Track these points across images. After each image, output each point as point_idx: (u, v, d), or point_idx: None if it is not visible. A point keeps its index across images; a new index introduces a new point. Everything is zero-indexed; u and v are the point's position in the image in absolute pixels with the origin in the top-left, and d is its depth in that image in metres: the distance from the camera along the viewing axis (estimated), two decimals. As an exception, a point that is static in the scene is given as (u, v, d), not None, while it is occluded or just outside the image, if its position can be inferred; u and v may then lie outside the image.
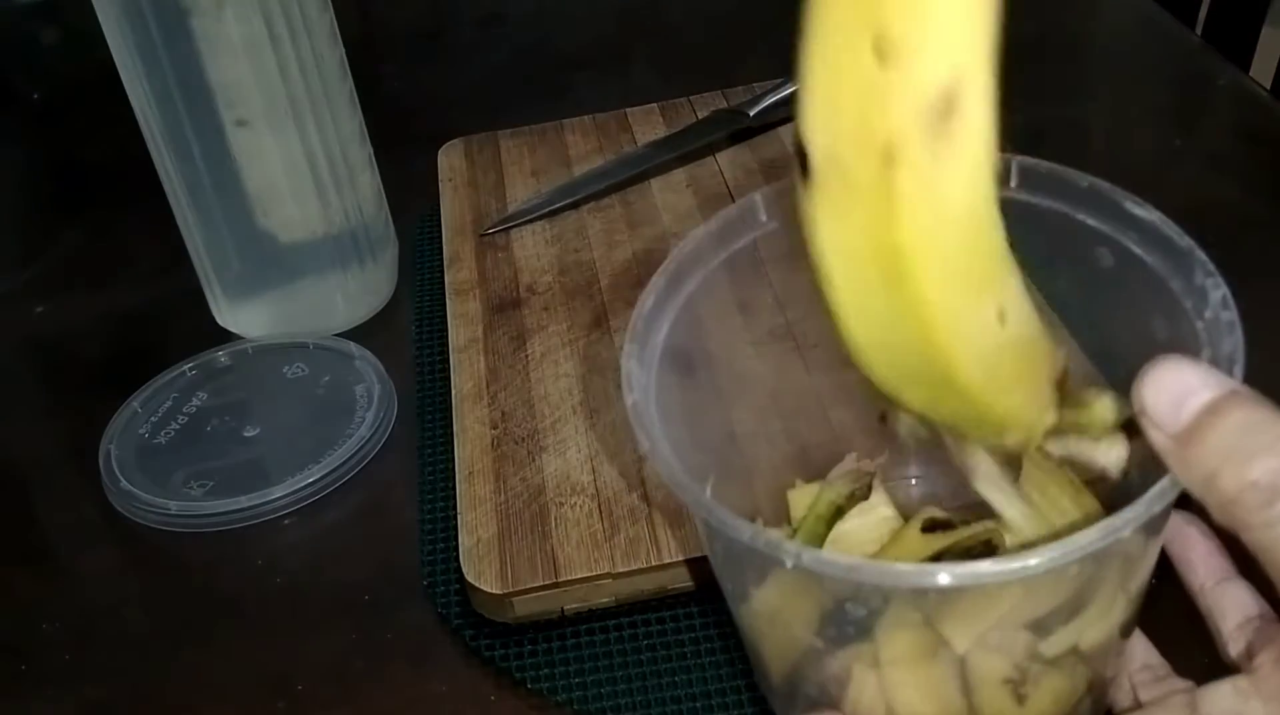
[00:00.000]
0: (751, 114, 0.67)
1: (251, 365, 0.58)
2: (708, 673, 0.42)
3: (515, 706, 0.42)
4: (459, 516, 0.47)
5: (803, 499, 0.40)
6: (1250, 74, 0.82)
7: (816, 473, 0.41)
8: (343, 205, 0.58)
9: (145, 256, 0.68)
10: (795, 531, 0.39)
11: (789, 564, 0.28)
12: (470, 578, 0.44)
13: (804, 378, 0.41)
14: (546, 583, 0.43)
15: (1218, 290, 0.31)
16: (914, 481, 0.42)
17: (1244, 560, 0.31)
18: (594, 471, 0.47)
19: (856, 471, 0.40)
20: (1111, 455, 0.31)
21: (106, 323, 0.65)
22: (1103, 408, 0.31)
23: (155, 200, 0.58)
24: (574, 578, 0.43)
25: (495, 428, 0.50)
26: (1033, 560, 0.26)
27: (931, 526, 0.37)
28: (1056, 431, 0.32)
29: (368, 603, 0.47)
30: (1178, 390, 0.27)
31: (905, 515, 0.40)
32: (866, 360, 0.29)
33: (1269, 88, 0.79)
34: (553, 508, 0.46)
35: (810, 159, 0.26)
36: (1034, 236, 0.36)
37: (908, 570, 0.28)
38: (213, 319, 0.61)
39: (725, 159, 0.66)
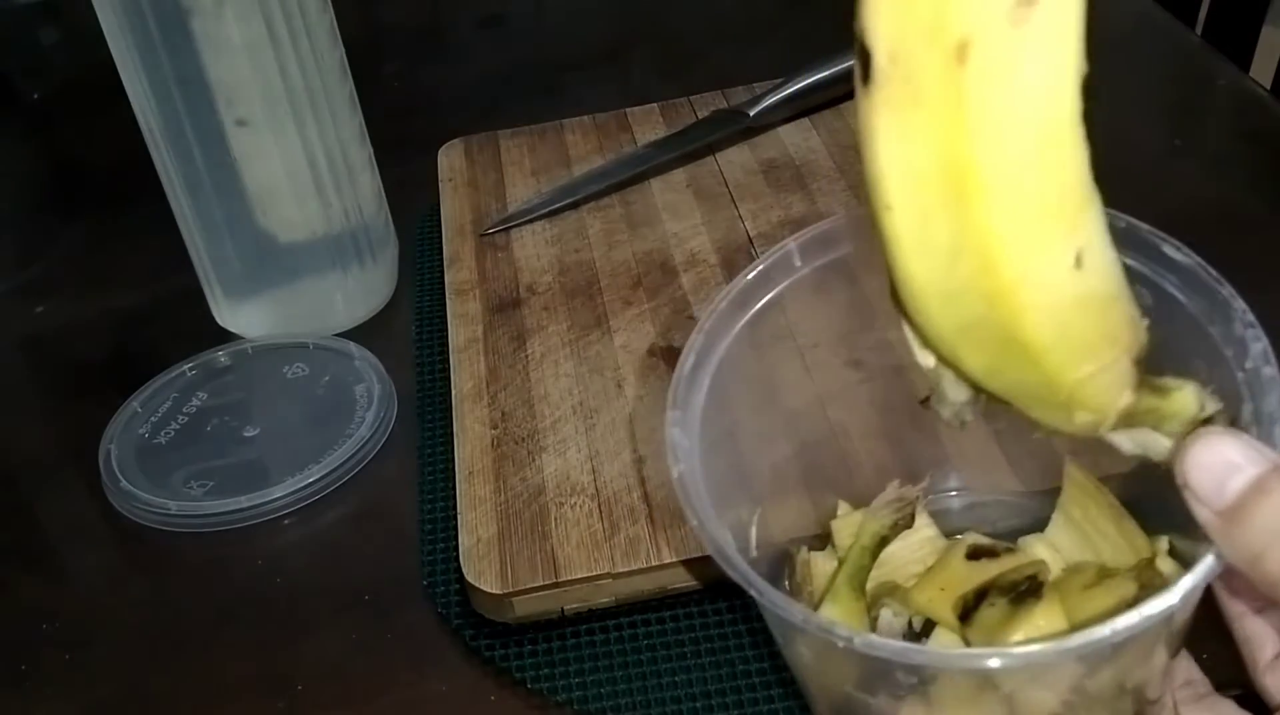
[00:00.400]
0: (751, 114, 0.67)
1: (251, 365, 0.58)
2: (708, 673, 0.42)
3: (515, 706, 0.42)
4: (459, 516, 0.47)
5: (847, 528, 0.39)
6: (1250, 74, 0.82)
7: (864, 488, 0.41)
8: (343, 205, 0.58)
9: (145, 256, 0.68)
10: (841, 562, 0.39)
11: (840, 645, 0.27)
12: (470, 578, 0.44)
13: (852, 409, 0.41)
14: (546, 583, 0.43)
15: (1258, 343, 0.30)
16: (955, 494, 0.42)
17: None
18: (594, 471, 0.47)
19: (900, 499, 0.40)
20: None
21: (106, 323, 0.65)
22: (1184, 398, 0.28)
23: (155, 200, 0.58)
24: (574, 578, 0.43)
25: (495, 428, 0.50)
26: (1075, 641, 0.26)
27: (976, 554, 0.36)
28: (1128, 419, 0.29)
29: (368, 603, 0.47)
30: (1221, 466, 0.26)
31: (947, 532, 0.40)
32: (921, 306, 0.26)
33: (1269, 88, 0.79)
34: (553, 508, 0.46)
35: (872, 59, 0.23)
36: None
37: (961, 655, 0.28)
38: (213, 319, 0.61)
39: (725, 159, 0.66)
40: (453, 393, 0.53)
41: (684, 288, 0.57)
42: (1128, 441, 0.29)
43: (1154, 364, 0.30)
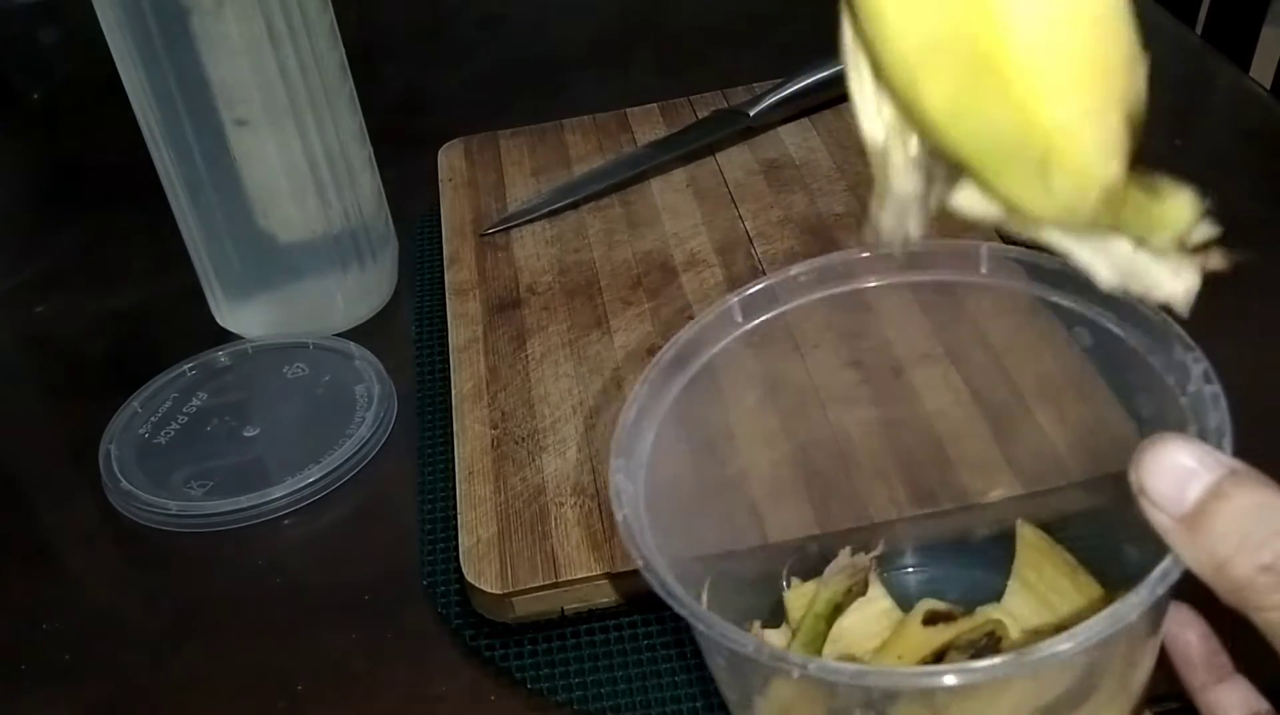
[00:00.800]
0: (751, 114, 0.67)
1: (251, 365, 0.58)
2: (707, 673, 0.42)
3: (515, 706, 0.42)
4: (459, 516, 0.47)
5: (799, 600, 0.39)
6: (1250, 74, 0.82)
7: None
8: (343, 205, 0.58)
9: (145, 256, 0.68)
10: (795, 632, 0.38)
11: (795, 674, 0.27)
12: (470, 578, 0.44)
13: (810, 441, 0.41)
14: (546, 583, 0.43)
15: (1199, 364, 0.30)
16: (911, 570, 0.42)
17: (1244, 657, 0.31)
18: (594, 471, 0.47)
19: (852, 566, 0.39)
20: (1179, 284, 0.25)
21: (106, 323, 0.65)
22: (1179, 205, 0.24)
23: (155, 200, 0.58)
24: (574, 578, 0.43)
25: (495, 428, 0.50)
26: (1034, 655, 0.26)
27: (933, 619, 0.36)
28: (1114, 217, 0.24)
29: (368, 603, 0.47)
30: (1179, 471, 0.26)
31: (904, 606, 0.39)
32: (885, 14, 0.22)
33: (1269, 88, 0.79)
34: (553, 508, 0.46)
35: None
36: (1006, 318, 0.36)
37: (914, 672, 0.28)
38: (213, 319, 0.61)
39: (725, 159, 0.66)
40: (453, 393, 0.53)
41: (684, 288, 0.57)
42: (1106, 266, 0.25)
43: (1092, 390, 0.30)
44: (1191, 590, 0.27)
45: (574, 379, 0.52)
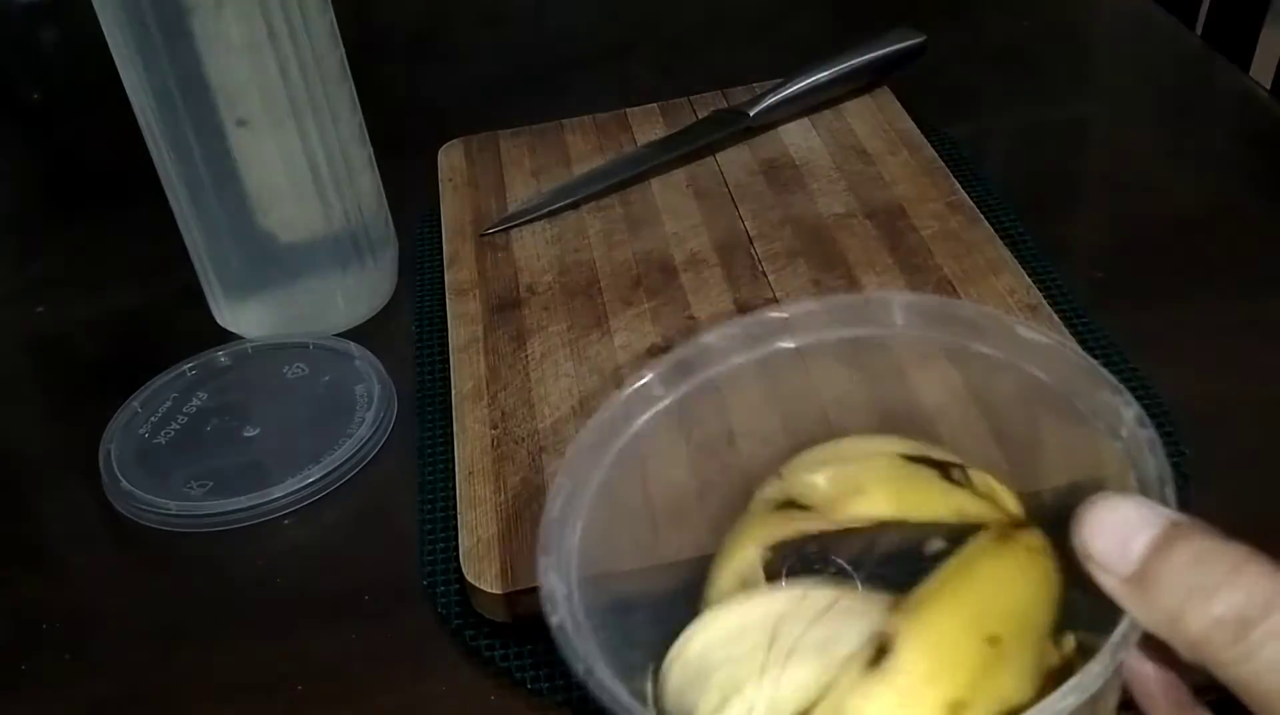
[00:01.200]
0: (751, 114, 0.67)
1: (251, 365, 0.58)
2: (708, 673, 0.42)
3: (515, 706, 0.42)
4: (459, 516, 0.47)
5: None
6: (1250, 74, 0.82)
7: None
8: (343, 205, 0.58)
9: (145, 256, 0.68)
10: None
11: None
12: (470, 578, 0.44)
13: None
14: (546, 583, 0.43)
15: (1129, 408, 0.29)
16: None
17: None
18: (594, 471, 0.47)
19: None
20: None
21: (106, 323, 0.65)
22: None
23: (155, 200, 0.58)
24: (574, 578, 0.43)
25: (495, 428, 0.50)
26: None
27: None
28: None
29: (368, 603, 0.47)
30: (1120, 529, 0.26)
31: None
32: None
33: (1269, 88, 0.79)
34: (553, 508, 0.46)
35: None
36: (931, 368, 0.35)
37: None
38: (213, 319, 0.61)
39: (725, 159, 0.66)
40: (453, 393, 0.53)
41: (684, 288, 0.57)
42: None
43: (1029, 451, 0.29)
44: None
45: (574, 379, 0.52)
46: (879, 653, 0.28)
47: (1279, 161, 0.65)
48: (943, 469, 0.35)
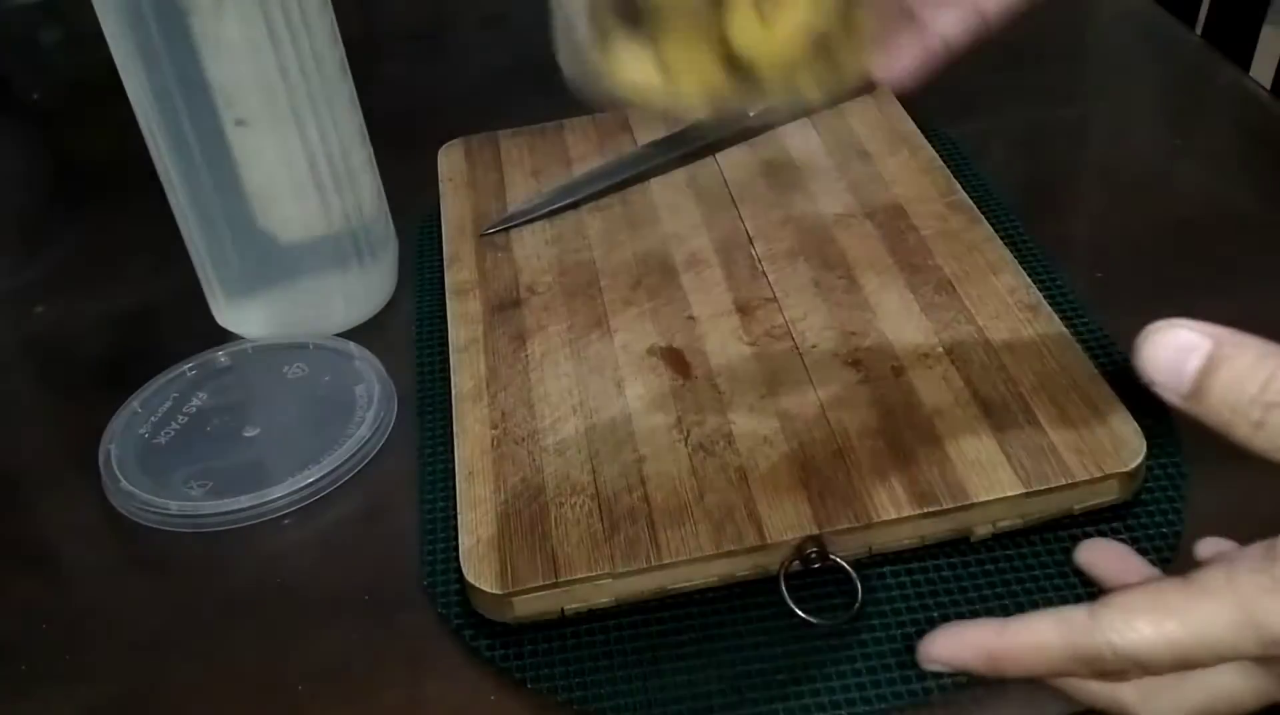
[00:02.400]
0: (751, 114, 0.67)
1: (251, 365, 0.58)
2: (708, 673, 0.42)
3: (515, 706, 0.42)
4: (459, 516, 0.47)
5: None
6: (1250, 74, 0.82)
7: None
8: (343, 205, 0.58)
9: (146, 256, 0.68)
10: None
11: None
12: (470, 578, 0.44)
13: None
14: (546, 583, 0.43)
15: None
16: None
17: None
18: (594, 471, 0.47)
19: None
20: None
21: (106, 323, 0.65)
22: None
23: (155, 200, 0.58)
24: (574, 578, 0.43)
25: (495, 428, 0.50)
26: None
27: None
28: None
29: (368, 603, 0.47)
30: (1175, 353, 0.29)
31: None
32: None
33: (1269, 88, 0.79)
34: (553, 508, 0.46)
35: None
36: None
37: None
38: (213, 319, 0.61)
39: (725, 159, 0.66)
40: (453, 393, 0.53)
41: (684, 288, 0.57)
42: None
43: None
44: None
45: (574, 379, 0.52)
46: None
47: (1279, 161, 0.65)
48: None
